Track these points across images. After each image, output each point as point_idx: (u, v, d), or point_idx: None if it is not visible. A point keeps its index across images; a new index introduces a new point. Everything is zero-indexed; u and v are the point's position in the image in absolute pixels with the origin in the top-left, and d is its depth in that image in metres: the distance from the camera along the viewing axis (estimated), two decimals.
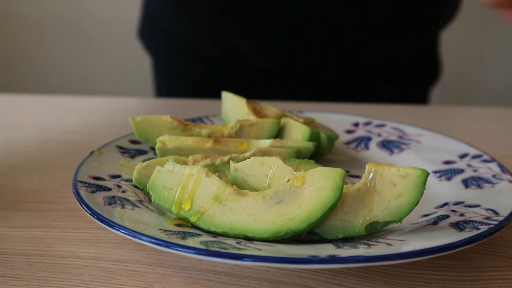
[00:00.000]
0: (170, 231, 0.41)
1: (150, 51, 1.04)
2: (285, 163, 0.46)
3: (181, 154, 0.53)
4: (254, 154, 0.52)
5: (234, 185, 0.45)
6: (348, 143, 0.63)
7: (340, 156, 0.61)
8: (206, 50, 0.94)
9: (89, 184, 0.48)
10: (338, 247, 0.40)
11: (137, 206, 0.46)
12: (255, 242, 0.41)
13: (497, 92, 2.00)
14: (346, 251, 0.39)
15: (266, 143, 0.54)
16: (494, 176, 0.51)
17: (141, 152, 0.57)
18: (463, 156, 0.56)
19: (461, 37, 1.85)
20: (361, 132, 0.64)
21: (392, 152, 0.60)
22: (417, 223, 0.46)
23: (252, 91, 0.89)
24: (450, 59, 1.38)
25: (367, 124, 0.65)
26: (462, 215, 0.45)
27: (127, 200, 0.47)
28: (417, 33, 0.93)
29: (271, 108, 0.61)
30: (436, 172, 0.55)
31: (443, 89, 1.44)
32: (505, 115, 0.82)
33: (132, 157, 0.56)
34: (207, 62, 0.95)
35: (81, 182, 0.48)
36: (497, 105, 0.94)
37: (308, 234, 0.44)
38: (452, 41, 1.48)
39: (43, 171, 0.59)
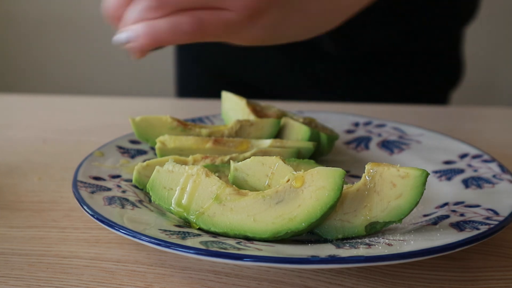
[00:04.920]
0: (170, 231, 0.41)
1: None
2: (285, 163, 0.46)
3: (181, 154, 0.53)
4: (254, 154, 0.52)
5: (234, 185, 0.45)
6: (348, 143, 0.63)
7: (340, 156, 0.61)
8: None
9: (89, 184, 0.48)
10: (338, 247, 0.40)
11: (137, 206, 0.46)
12: (255, 242, 0.41)
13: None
14: (346, 251, 0.39)
15: (266, 143, 0.54)
16: (494, 176, 0.51)
17: (141, 152, 0.57)
18: (463, 156, 0.56)
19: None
20: (361, 132, 0.64)
21: (392, 152, 0.60)
22: (417, 223, 0.46)
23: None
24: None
25: (367, 124, 0.65)
26: (462, 215, 0.45)
27: (127, 200, 0.47)
28: (436, 34, 0.91)
29: (271, 108, 0.61)
30: (436, 172, 0.54)
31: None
32: (505, 115, 0.82)
33: (132, 157, 0.56)
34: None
35: (81, 182, 0.48)
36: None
37: (308, 234, 0.44)
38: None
39: (43, 171, 0.59)
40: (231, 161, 0.48)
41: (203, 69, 0.98)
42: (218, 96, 0.64)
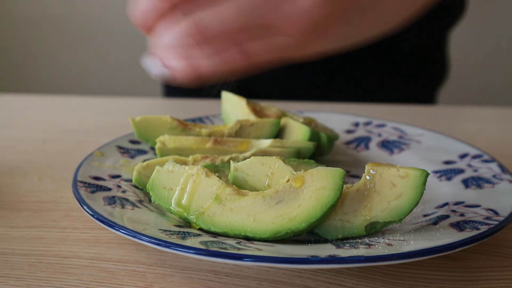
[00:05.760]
0: (170, 231, 0.41)
1: None
2: (285, 163, 0.46)
3: (181, 154, 0.53)
4: (254, 154, 0.52)
5: (234, 185, 0.45)
6: (348, 143, 0.63)
7: (340, 156, 0.61)
8: None
9: (89, 184, 0.48)
10: (338, 247, 0.40)
11: (137, 206, 0.46)
12: (255, 242, 0.41)
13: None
14: (346, 251, 0.39)
15: (266, 143, 0.54)
16: (494, 176, 0.51)
17: (141, 152, 0.57)
18: (463, 156, 0.56)
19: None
20: (361, 132, 0.64)
21: (392, 152, 0.60)
22: (417, 223, 0.46)
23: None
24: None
25: (367, 124, 0.65)
26: (462, 215, 0.45)
27: (127, 200, 0.47)
28: (424, 33, 0.92)
29: (271, 108, 0.61)
30: (436, 172, 0.54)
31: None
32: (505, 115, 0.82)
33: (132, 157, 0.56)
34: None
35: (81, 182, 0.48)
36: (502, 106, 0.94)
37: (308, 234, 0.44)
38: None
39: (43, 171, 0.59)
40: (231, 161, 0.48)
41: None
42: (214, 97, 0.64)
